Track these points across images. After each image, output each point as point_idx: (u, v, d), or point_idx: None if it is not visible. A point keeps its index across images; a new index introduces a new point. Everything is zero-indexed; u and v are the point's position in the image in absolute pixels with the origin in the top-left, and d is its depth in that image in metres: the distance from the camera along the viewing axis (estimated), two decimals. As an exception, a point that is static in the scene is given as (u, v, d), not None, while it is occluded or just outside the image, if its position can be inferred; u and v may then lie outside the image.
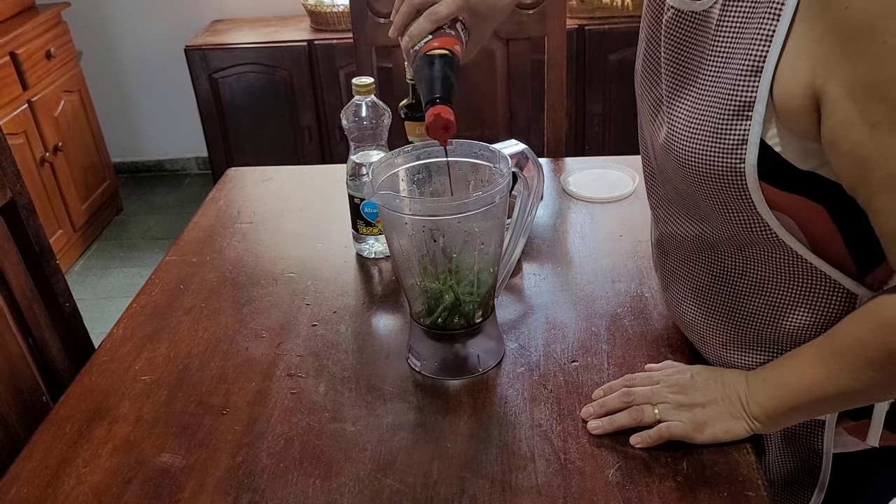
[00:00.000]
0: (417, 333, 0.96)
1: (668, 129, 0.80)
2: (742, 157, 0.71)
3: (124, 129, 3.43)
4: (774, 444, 0.90)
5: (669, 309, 0.98)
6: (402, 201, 0.86)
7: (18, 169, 1.11)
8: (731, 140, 0.72)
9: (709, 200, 0.78)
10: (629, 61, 2.79)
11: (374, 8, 1.68)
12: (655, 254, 0.98)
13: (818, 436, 0.86)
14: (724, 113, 0.72)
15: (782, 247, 0.77)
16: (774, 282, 0.80)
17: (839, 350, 0.75)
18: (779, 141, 0.70)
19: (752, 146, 0.70)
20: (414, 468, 0.82)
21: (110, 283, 2.78)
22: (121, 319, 1.10)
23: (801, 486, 0.90)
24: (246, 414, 0.91)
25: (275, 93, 2.88)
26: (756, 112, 0.69)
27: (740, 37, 0.70)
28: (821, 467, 0.87)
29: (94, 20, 3.20)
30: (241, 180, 1.49)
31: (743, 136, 0.71)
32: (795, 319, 0.80)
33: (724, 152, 0.72)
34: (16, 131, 2.54)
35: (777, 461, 0.90)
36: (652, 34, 0.85)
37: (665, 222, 0.91)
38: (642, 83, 0.88)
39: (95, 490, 0.82)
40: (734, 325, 0.86)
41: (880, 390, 0.75)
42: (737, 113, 0.71)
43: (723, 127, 0.72)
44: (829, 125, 0.66)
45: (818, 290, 0.78)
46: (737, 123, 0.71)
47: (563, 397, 0.90)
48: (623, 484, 0.79)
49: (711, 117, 0.73)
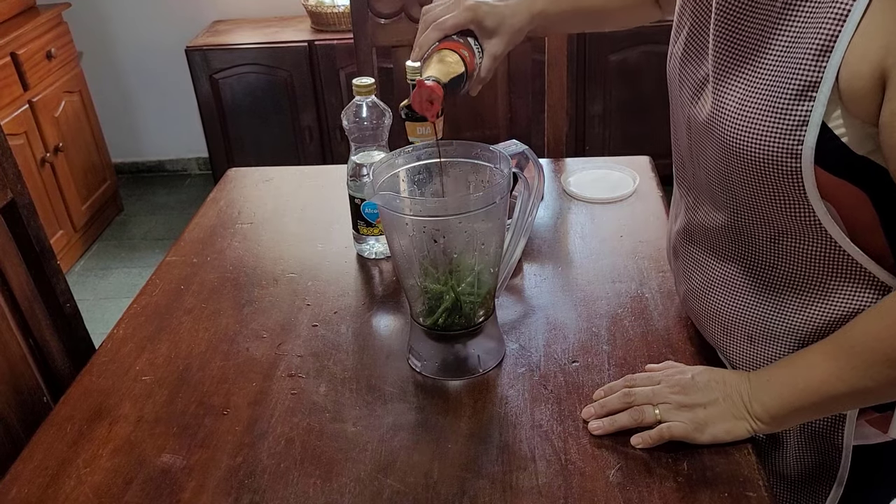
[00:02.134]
0: (418, 334, 0.96)
1: (714, 107, 0.78)
2: (801, 138, 0.70)
3: (125, 129, 3.43)
4: (793, 437, 0.89)
5: (688, 302, 0.96)
6: (402, 202, 0.86)
7: (19, 169, 1.12)
8: (791, 121, 0.71)
9: (751, 184, 0.77)
10: (629, 62, 2.79)
11: (375, 8, 1.68)
12: (677, 243, 0.96)
13: (839, 430, 0.85)
14: (785, 93, 0.71)
15: (821, 236, 0.76)
16: (807, 273, 0.80)
17: (853, 348, 0.74)
18: (841, 123, 0.70)
19: (812, 128, 0.70)
20: (414, 468, 0.82)
21: (111, 284, 2.78)
22: (121, 320, 1.10)
23: (818, 480, 0.89)
24: (246, 414, 0.91)
25: (275, 93, 2.88)
26: (821, 93, 0.69)
27: (812, 16, 0.69)
28: (840, 461, 0.87)
29: (95, 21, 3.20)
30: (241, 181, 1.49)
31: (804, 117, 0.70)
32: (826, 312, 0.80)
33: (783, 133, 0.72)
34: (16, 132, 2.54)
35: (794, 455, 0.90)
36: (698, 16, 0.84)
37: (694, 210, 0.90)
38: (683, 67, 0.87)
39: (96, 490, 0.82)
40: (762, 318, 0.85)
41: (894, 388, 0.75)
42: (800, 93, 0.70)
43: (783, 107, 0.71)
44: (890, 107, 0.66)
45: (852, 283, 0.78)
46: (799, 104, 0.70)
47: (563, 398, 0.90)
48: (624, 484, 0.79)
49: (771, 97, 0.72)
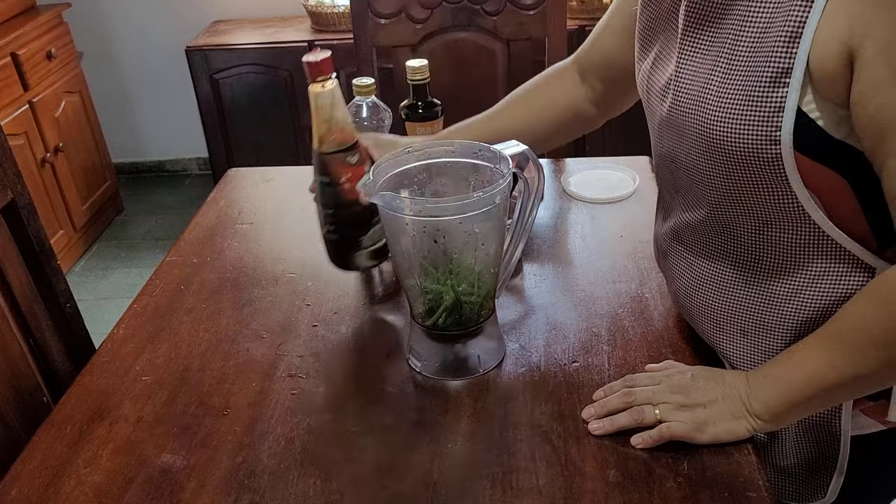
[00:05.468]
0: (418, 334, 0.96)
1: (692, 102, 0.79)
2: (778, 124, 0.71)
3: (125, 129, 3.43)
4: (791, 430, 0.89)
5: (679, 301, 0.96)
6: (402, 202, 0.86)
7: (19, 169, 1.12)
8: (767, 107, 0.71)
9: (733, 176, 0.77)
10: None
11: (375, 9, 1.68)
12: (665, 244, 0.97)
13: (836, 418, 0.85)
14: (760, 81, 0.72)
15: (804, 221, 0.77)
16: (794, 261, 0.80)
17: (841, 335, 0.75)
18: (815, 107, 0.70)
19: (788, 113, 0.70)
20: (414, 469, 0.82)
21: (111, 284, 2.78)
22: (121, 320, 1.10)
23: (819, 470, 0.90)
24: (247, 414, 0.91)
25: (275, 93, 2.88)
26: (794, 78, 0.69)
27: (781, 3, 0.70)
28: (839, 450, 0.87)
29: (95, 21, 3.20)
30: (241, 181, 1.49)
31: (780, 103, 0.71)
32: (816, 299, 0.80)
33: (760, 120, 0.72)
34: (17, 132, 2.54)
35: (793, 447, 0.90)
36: (667, 24, 0.85)
37: (679, 211, 0.90)
38: (651, 75, 0.88)
39: (96, 490, 0.82)
40: (754, 311, 0.85)
41: (888, 373, 0.75)
42: (774, 80, 0.71)
43: (759, 95, 0.72)
44: (859, 87, 0.66)
45: (838, 267, 0.78)
46: (773, 91, 0.71)
47: (563, 398, 0.90)
48: (624, 485, 0.79)
49: (747, 86, 0.73)
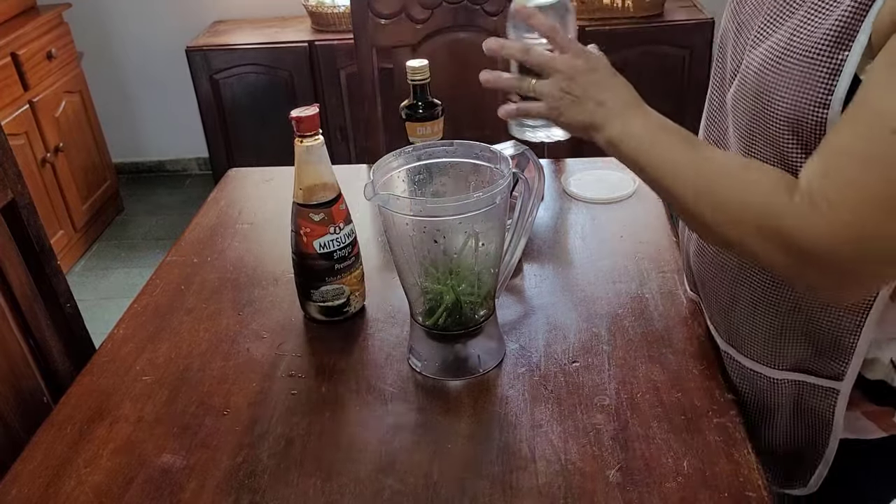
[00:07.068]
0: (418, 334, 0.96)
1: (754, 63, 0.78)
2: (832, 87, 0.70)
3: (125, 129, 3.43)
4: (786, 412, 0.89)
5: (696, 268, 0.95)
6: (402, 202, 0.86)
7: (20, 169, 1.12)
8: (825, 69, 0.71)
9: (779, 143, 0.76)
10: (630, 62, 2.78)
11: (375, 9, 1.68)
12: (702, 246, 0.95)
13: (831, 406, 0.85)
14: (823, 42, 0.71)
15: None
16: None
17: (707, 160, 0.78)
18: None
19: (845, 77, 0.70)
20: (414, 469, 0.82)
21: (111, 284, 2.78)
22: (122, 320, 1.10)
23: (806, 457, 0.90)
24: (247, 414, 0.91)
25: (276, 93, 2.88)
26: (857, 42, 0.68)
27: None
28: (828, 441, 0.87)
29: (96, 21, 3.20)
30: (242, 181, 1.49)
31: (839, 66, 0.70)
32: None
33: (816, 81, 0.71)
34: (17, 132, 2.54)
35: (784, 430, 0.90)
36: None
37: None
38: (736, 37, 0.87)
39: (96, 490, 0.82)
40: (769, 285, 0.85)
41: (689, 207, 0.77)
42: (837, 42, 0.70)
43: (819, 56, 0.71)
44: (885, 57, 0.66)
45: None
46: (835, 53, 0.70)
47: (563, 398, 0.90)
48: (623, 485, 0.79)
49: (809, 46, 0.72)
